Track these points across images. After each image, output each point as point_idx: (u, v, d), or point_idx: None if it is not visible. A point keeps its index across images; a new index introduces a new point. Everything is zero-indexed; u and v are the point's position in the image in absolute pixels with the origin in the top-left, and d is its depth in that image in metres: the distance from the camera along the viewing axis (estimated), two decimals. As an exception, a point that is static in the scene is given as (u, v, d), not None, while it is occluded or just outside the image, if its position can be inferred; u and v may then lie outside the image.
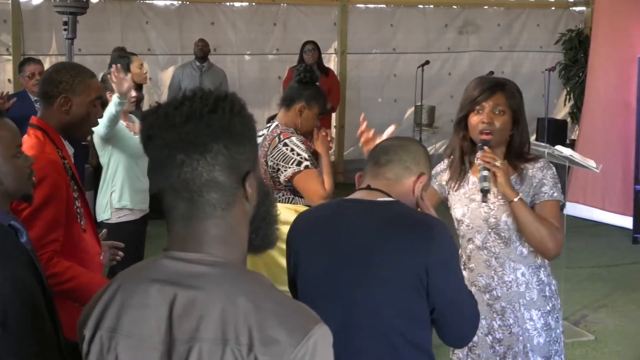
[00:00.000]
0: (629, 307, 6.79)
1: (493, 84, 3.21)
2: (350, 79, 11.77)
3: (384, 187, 2.48)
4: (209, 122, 1.61)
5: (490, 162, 3.08)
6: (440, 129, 11.51)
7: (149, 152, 1.65)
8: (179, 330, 1.58)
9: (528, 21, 12.55)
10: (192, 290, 1.59)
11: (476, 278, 3.23)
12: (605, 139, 9.59)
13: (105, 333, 1.65)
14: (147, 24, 10.79)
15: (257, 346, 1.52)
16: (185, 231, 1.64)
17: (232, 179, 1.63)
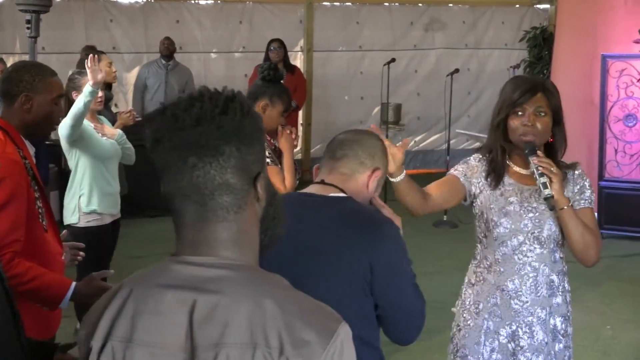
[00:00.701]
0: (594, 302, 6.85)
1: (533, 84, 3.13)
2: (316, 76, 11.76)
3: (338, 181, 2.49)
4: (220, 124, 1.57)
5: (547, 168, 3.01)
6: (406, 126, 11.54)
7: (156, 155, 1.60)
8: (201, 336, 1.53)
9: (493, 19, 12.62)
10: (213, 294, 1.55)
11: (505, 282, 3.15)
12: (570, 136, 9.54)
13: (117, 343, 1.59)
14: (112, 22, 10.71)
15: (288, 349, 1.50)
16: (196, 235, 1.60)
17: (243, 181, 1.60)
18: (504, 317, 3.14)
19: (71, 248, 3.46)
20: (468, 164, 3.26)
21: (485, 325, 3.17)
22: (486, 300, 3.17)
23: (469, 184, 3.23)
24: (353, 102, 11.99)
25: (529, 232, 3.11)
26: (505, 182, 3.18)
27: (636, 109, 8.69)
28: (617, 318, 6.47)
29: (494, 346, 3.15)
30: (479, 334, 3.17)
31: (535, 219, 3.12)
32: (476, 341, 3.17)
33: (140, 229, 8.83)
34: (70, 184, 5.41)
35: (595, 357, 5.72)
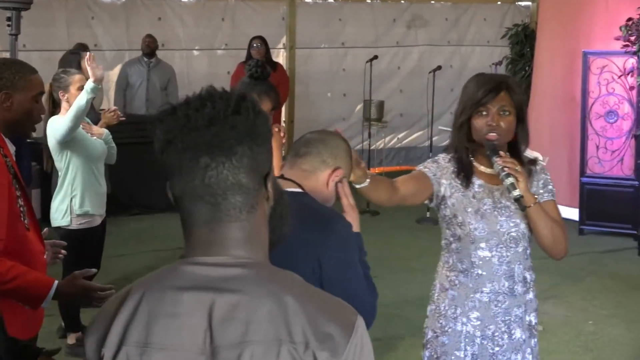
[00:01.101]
0: (576, 297, 6.89)
1: (497, 83, 3.09)
2: (299, 73, 11.76)
3: (297, 177, 2.52)
4: (234, 124, 1.55)
5: (512, 168, 2.99)
6: (389, 123, 11.56)
7: (167, 156, 1.58)
8: (222, 336, 1.52)
9: (475, 16, 12.66)
10: (232, 294, 1.53)
11: (484, 284, 3.11)
12: (552, 132, 9.71)
13: (132, 349, 1.56)
14: (93, 20, 10.66)
15: (313, 342, 1.50)
16: (209, 236, 1.58)
17: (255, 181, 1.59)
18: (483, 319, 3.12)
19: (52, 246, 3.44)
20: (438, 164, 3.21)
21: (465, 330, 3.13)
22: (463, 304, 3.14)
23: (438, 185, 3.16)
24: (336, 99, 12.00)
25: (505, 232, 3.09)
26: (474, 183, 3.15)
27: (617, 106, 8.74)
28: (598, 313, 6.51)
29: (474, 350, 3.12)
30: (459, 339, 3.14)
31: (510, 219, 3.10)
32: (456, 347, 3.14)
33: (123, 228, 8.81)
34: (59, 186, 5.34)
35: (577, 352, 5.75)
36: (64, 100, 5.23)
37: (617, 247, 8.46)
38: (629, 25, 8.41)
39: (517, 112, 3.11)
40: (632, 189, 8.52)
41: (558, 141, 9.57)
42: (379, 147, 11.78)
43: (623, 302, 6.75)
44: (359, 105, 11.60)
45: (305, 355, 1.50)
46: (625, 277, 7.49)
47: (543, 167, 3.25)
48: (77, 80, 5.23)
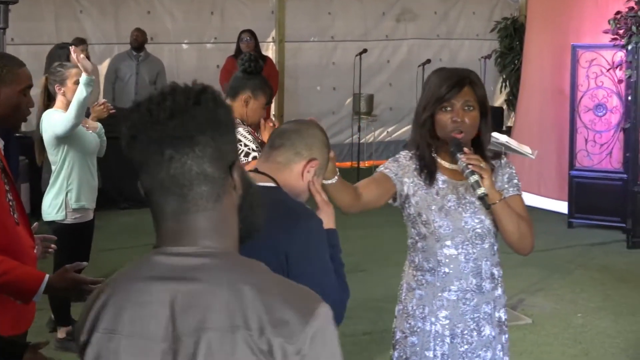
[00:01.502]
0: (565, 290, 6.92)
1: (460, 78, 3.02)
2: (288, 67, 11.75)
3: (272, 170, 2.50)
4: (194, 115, 1.59)
5: (476, 165, 2.92)
6: (379, 116, 11.58)
7: (133, 151, 1.62)
8: (183, 324, 1.56)
9: (464, 9, 12.67)
10: (192, 283, 1.58)
11: (452, 283, 3.06)
12: (541, 126, 9.74)
13: (102, 335, 1.62)
14: (82, 13, 10.63)
15: (268, 329, 1.53)
16: (177, 226, 1.62)
17: (220, 170, 1.62)
18: (452, 318, 3.07)
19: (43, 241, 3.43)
20: (399, 163, 3.13)
21: (434, 329, 3.08)
22: (432, 303, 3.08)
23: (400, 184, 3.09)
24: (325, 92, 11.99)
25: (470, 229, 3.04)
26: (438, 179, 3.09)
27: (606, 99, 8.76)
28: (587, 306, 6.53)
29: (444, 350, 3.08)
30: (428, 338, 3.09)
31: (475, 215, 3.05)
32: (426, 347, 3.09)
33: (112, 222, 8.80)
34: (54, 180, 5.33)
35: (566, 344, 5.78)
36: (60, 93, 5.22)
37: (606, 240, 8.50)
38: (617, 18, 8.42)
39: (481, 106, 3.05)
40: (621, 182, 8.55)
41: (547, 134, 9.60)
42: (369, 141, 11.79)
43: (611, 295, 6.78)
44: (349, 99, 11.61)
45: (260, 341, 1.53)
46: (614, 269, 7.52)
47: (508, 161, 3.19)
48: (74, 74, 5.22)
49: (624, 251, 8.14)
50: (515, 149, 6.30)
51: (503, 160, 3.18)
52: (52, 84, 5.25)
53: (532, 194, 9.86)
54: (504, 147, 6.35)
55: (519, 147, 6.32)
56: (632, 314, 6.35)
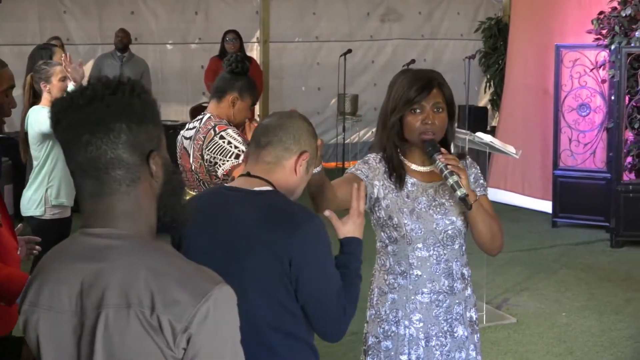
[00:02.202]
0: (549, 289, 6.94)
1: (429, 79, 3.01)
2: (273, 67, 11.74)
3: (264, 172, 2.46)
4: (109, 103, 1.71)
5: (455, 165, 2.90)
6: (363, 117, 11.58)
7: (57, 135, 1.75)
8: (87, 300, 1.70)
9: (448, 9, 12.69)
10: (98, 262, 1.70)
11: (424, 285, 3.04)
12: (525, 126, 9.77)
13: (27, 307, 1.78)
14: (66, 14, 10.58)
15: (159, 307, 1.64)
16: (93, 208, 1.75)
17: (135, 157, 1.73)
18: (426, 321, 3.05)
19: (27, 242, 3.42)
20: (369, 165, 3.09)
21: (408, 333, 3.06)
22: (405, 307, 3.06)
23: (371, 187, 3.04)
24: (310, 93, 11.99)
25: (441, 230, 3.02)
26: (407, 182, 3.06)
27: (589, 99, 8.80)
28: (571, 305, 6.56)
29: (419, 353, 3.06)
30: (403, 342, 3.07)
31: (445, 217, 3.03)
32: (401, 351, 3.07)
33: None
34: (35, 175, 5.36)
35: (550, 344, 5.80)
36: (45, 91, 5.29)
37: (590, 239, 8.53)
38: (600, 18, 8.47)
39: (449, 108, 3.04)
40: (604, 182, 8.59)
41: (531, 134, 9.63)
42: (354, 141, 11.80)
43: (595, 294, 6.82)
44: (334, 99, 11.61)
45: (151, 318, 1.64)
46: (598, 269, 7.56)
47: (472, 161, 3.19)
48: (58, 71, 5.28)
49: (608, 250, 8.17)
50: (500, 148, 6.32)
51: (468, 160, 3.17)
52: (38, 82, 5.29)
53: (516, 193, 9.92)
54: (488, 147, 6.37)
55: (503, 146, 6.34)
56: (616, 312, 6.38)
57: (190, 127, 4.52)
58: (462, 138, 6.04)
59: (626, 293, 6.83)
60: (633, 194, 8.25)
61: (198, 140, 4.32)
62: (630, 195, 8.25)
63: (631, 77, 8.30)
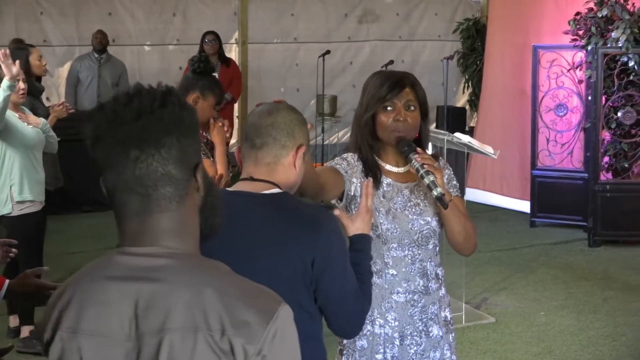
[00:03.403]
0: (528, 289, 6.98)
1: (400, 78, 3.02)
2: (252, 68, 11.72)
3: (266, 174, 2.44)
4: (161, 117, 1.61)
5: (431, 165, 2.90)
6: (342, 118, 11.59)
7: (97, 151, 1.64)
8: (145, 324, 1.59)
9: (426, 11, 12.71)
10: (154, 283, 1.60)
11: (399, 284, 3.04)
12: (503, 126, 9.81)
13: (65, 334, 1.64)
14: (42, 15, 10.52)
15: (229, 329, 1.56)
16: (139, 226, 1.65)
17: (184, 172, 1.65)
18: (401, 320, 3.05)
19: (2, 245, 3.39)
20: (348, 162, 3.07)
21: (383, 332, 3.05)
22: (380, 306, 3.05)
23: (349, 183, 3.03)
24: (289, 94, 11.96)
25: (417, 230, 3.02)
26: (383, 182, 3.06)
27: (566, 99, 8.85)
28: (550, 304, 6.60)
29: (394, 352, 3.05)
30: (378, 341, 3.06)
31: (421, 217, 3.03)
32: (376, 350, 3.06)
33: (76, 225, 8.74)
34: None
35: (529, 343, 5.83)
36: None
37: (568, 238, 8.58)
38: (577, 19, 8.51)
39: (421, 107, 3.04)
40: (582, 182, 8.64)
41: (509, 134, 9.68)
42: (333, 142, 11.80)
43: (573, 293, 6.86)
44: (312, 100, 11.61)
45: (222, 342, 1.56)
46: (576, 268, 7.60)
47: (445, 162, 3.19)
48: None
49: (586, 249, 8.22)
50: (478, 149, 6.34)
51: (441, 161, 3.17)
52: None
53: (494, 193, 9.96)
54: (466, 147, 6.39)
55: (481, 147, 6.36)
56: (594, 311, 6.42)
57: None
58: (440, 138, 6.06)
59: (603, 292, 6.88)
60: (610, 194, 8.31)
61: None
62: (607, 194, 8.31)
63: (607, 78, 8.36)
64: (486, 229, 8.56)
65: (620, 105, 8.39)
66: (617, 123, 8.39)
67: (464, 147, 6.40)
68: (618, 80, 8.34)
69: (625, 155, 8.46)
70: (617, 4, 8.28)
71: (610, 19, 8.31)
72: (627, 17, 8.14)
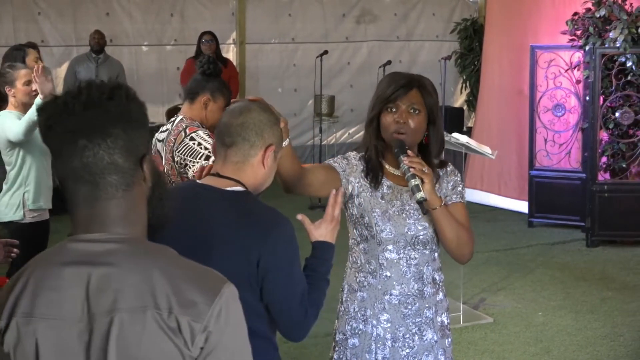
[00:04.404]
0: (526, 289, 6.98)
1: (408, 80, 2.99)
2: (249, 69, 11.72)
3: (233, 172, 2.48)
4: (107, 109, 1.71)
5: (418, 168, 2.87)
6: (340, 118, 11.59)
7: (49, 141, 1.73)
8: (96, 305, 1.68)
9: (424, 11, 12.72)
10: (105, 267, 1.69)
11: (392, 287, 3.04)
12: (500, 126, 9.81)
13: (20, 319, 1.71)
14: (40, 15, 10.52)
15: (176, 308, 1.66)
16: (88, 213, 1.74)
17: (130, 162, 1.74)
18: (394, 321, 3.05)
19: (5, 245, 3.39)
20: (348, 161, 3.08)
21: (375, 332, 3.06)
22: (373, 306, 3.05)
23: (346, 182, 3.03)
24: (286, 94, 11.98)
25: (413, 235, 3.01)
26: (383, 183, 3.05)
27: (564, 99, 8.86)
28: (548, 304, 6.60)
29: (385, 353, 3.05)
30: (370, 341, 3.06)
31: (418, 222, 3.02)
32: (367, 350, 3.06)
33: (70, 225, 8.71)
34: (12, 181, 5.30)
35: (527, 343, 5.82)
36: (10, 95, 5.21)
37: (566, 238, 8.58)
38: (575, 19, 8.52)
39: (429, 113, 3.01)
40: (580, 182, 8.64)
41: (507, 135, 9.68)
42: (330, 143, 11.80)
43: (571, 293, 6.86)
44: (310, 100, 11.61)
45: (169, 320, 1.66)
46: (574, 268, 7.60)
47: (454, 169, 3.17)
48: (22, 75, 5.20)
49: (584, 249, 8.22)
50: (476, 149, 6.35)
51: (449, 168, 3.15)
52: (2, 86, 5.21)
53: (492, 194, 9.96)
54: (464, 148, 6.39)
55: (478, 147, 6.37)
56: (592, 311, 6.42)
57: (163, 129, 4.51)
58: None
59: (601, 292, 6.88)
60: (608, 194, 8.31)
61: (169, 142, 4.32)
62: (605, 195, 8.31)
63: (605, 78, 8.36)
64: (484, 229, 8.56)
65: (618, 106, 8.40)
66: (615, 123, 8.39)
67: (461, 148, 6.40)
68: (616, 80, 8.35)
69: (623, 156, 8.46)
70: (614, 4, 8.28)
71: (608, 19, 8.31)
72: (625, 17, 8.14)
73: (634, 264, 7.70)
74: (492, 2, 10.43)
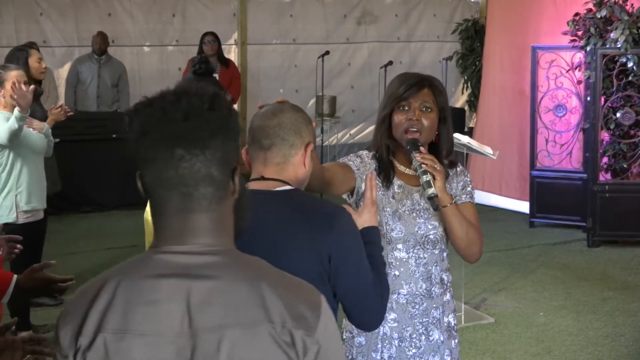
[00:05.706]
0: (527, 289, 6.98)
1: (420, 79, 3.02)
2: (251, 69, 11.73)
3: (276, 173, 2.45)
4: (209, 120, 1.65)
5: (430, 165, 2.90)
6: (341, 118, 11.60)
7: (142, 146, 1.66)
8: (201, 320, 1.61)
9: (425, 11, 12.72)
10: (207, 280, 1.63)
11: (401, 286, 3.05)
12: (502, 127, 9.82)
13: (110, 335, 1.62)
14: (42, 16, 10.53)
15: (289, 322, 1.61)
16: (180, 225, 1.67)
17: (224, 174, 1.68)
18: (401, 321, 3.06)
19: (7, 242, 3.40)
20: (362, 159, 3.09)
21: (382, 331, 3.06)
22: None
23: (360, 180, 3.03)
24: (288, 94, 11.96)
25: (423, 234, 3.03)
26: (394, 183, 3.07)
27: (565, 100, 8.86)
28: (549, 305, 6.60)
29: (392, 352, 3.06)
30: (376, 340, 3.07)
31: (428, 221, 3.04)
32: (373, 348, 3.07)
33: (74, 226, 8.73)
34: (3, 183, 5.31)
35: (528, 343, 5.83)
36: (0, 95, 5.23)
37: (567, 239, 8.59)
38: (576, 20, 8.52)
39: (440, 112, 3.03)
40: (581, 182, 8.64)
41: (508, 135, 9.69)
42: (332, 143, 11.81)
43: (572, 293, 6.86)
44: (311, 100, 11.61)
45: (282, 333, 1.61)
46: (575, 268, 7.61)
47: (464, 169, 3.19)
48: (12, 76, 5.22)
49: (585, 250, 8.23)
50: (477, 149, 6.35)
51: (459, 168, 3.17)
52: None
53: (494, 194, 9.97)
54: (465, 148, 6.40)
55: (480, 147, 6.37)
56: (593, 312, 6.43)
57: None
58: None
59: (602, 292, 6.89)
60: (609, 194, 8.32)
61: None
62: (606, 195, 8.31)
63: (606, 78, 8.36)
64: (485, 230, 8.43)
65: (619, 106, 8.40)
66: (616, 123, 8.39)
67: (463, 148, 6.40)
68: (617, 81, 8.35)
69: (624, 156, 8.46)
70: (616, 5, 8.29)
71: (609, 20, 8.32)
72: (626, 18, 8.15)
73: (635, 264, 7.70)
74: (493, 3, 10.43)
